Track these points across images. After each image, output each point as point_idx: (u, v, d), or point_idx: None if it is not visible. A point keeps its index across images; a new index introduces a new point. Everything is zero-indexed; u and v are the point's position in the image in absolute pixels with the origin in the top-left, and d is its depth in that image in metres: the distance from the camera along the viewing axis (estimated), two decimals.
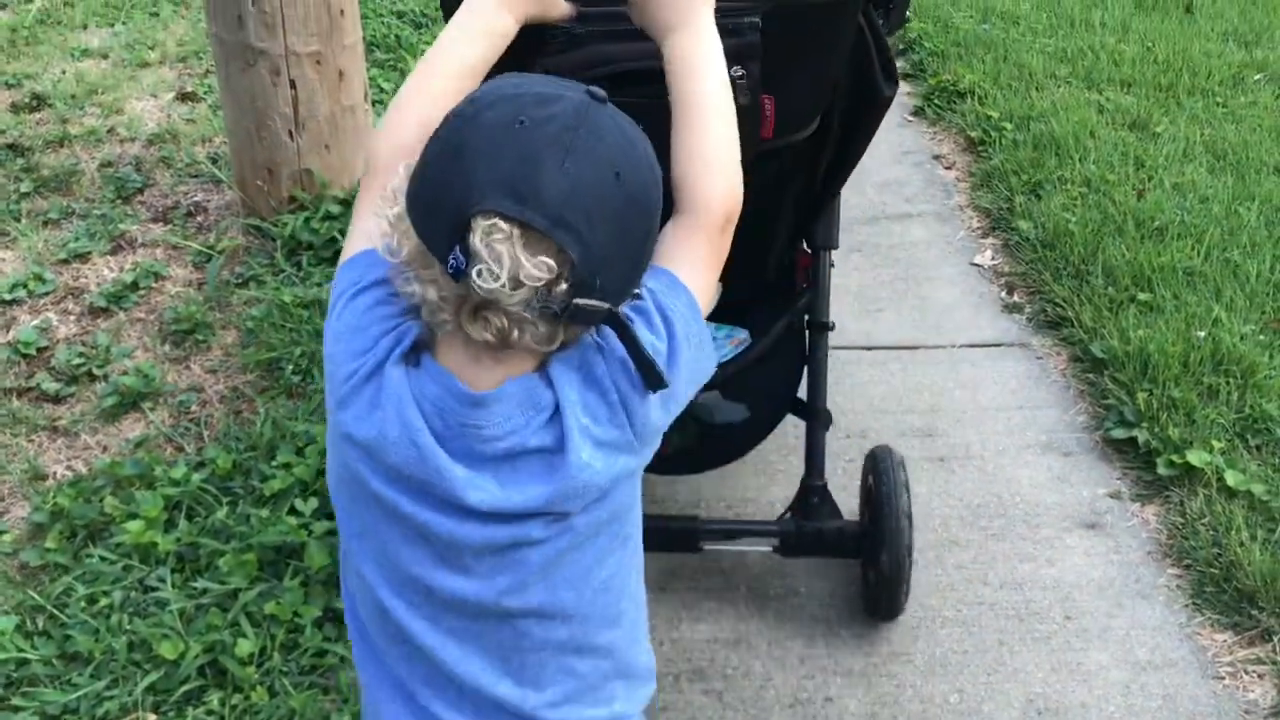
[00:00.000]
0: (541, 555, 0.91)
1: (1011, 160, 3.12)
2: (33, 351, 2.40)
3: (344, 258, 0.97)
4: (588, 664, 0.97)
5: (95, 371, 2.35)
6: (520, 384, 0.88)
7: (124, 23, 4.10)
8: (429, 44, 3.75)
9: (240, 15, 2.59)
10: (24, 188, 3.02)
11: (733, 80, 1.07)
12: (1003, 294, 2.71)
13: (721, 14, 1.09)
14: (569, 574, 0.93)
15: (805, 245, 1.91)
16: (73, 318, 2.55)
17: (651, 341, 0.90)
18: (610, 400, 0.90)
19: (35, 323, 2.50)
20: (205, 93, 3.56)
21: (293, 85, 2.67)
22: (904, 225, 2.99)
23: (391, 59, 3.78)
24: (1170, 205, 2.86)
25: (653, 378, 0.88)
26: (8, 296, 2.58)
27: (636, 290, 0.91)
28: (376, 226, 0.90)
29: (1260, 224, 2.78)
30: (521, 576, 0.91)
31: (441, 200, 0.83)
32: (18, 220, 2.89)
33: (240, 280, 2.65)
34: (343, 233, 2.64)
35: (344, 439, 0.91)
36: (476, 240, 0.80)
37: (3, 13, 4.20)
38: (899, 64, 3.87)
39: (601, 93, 0.87)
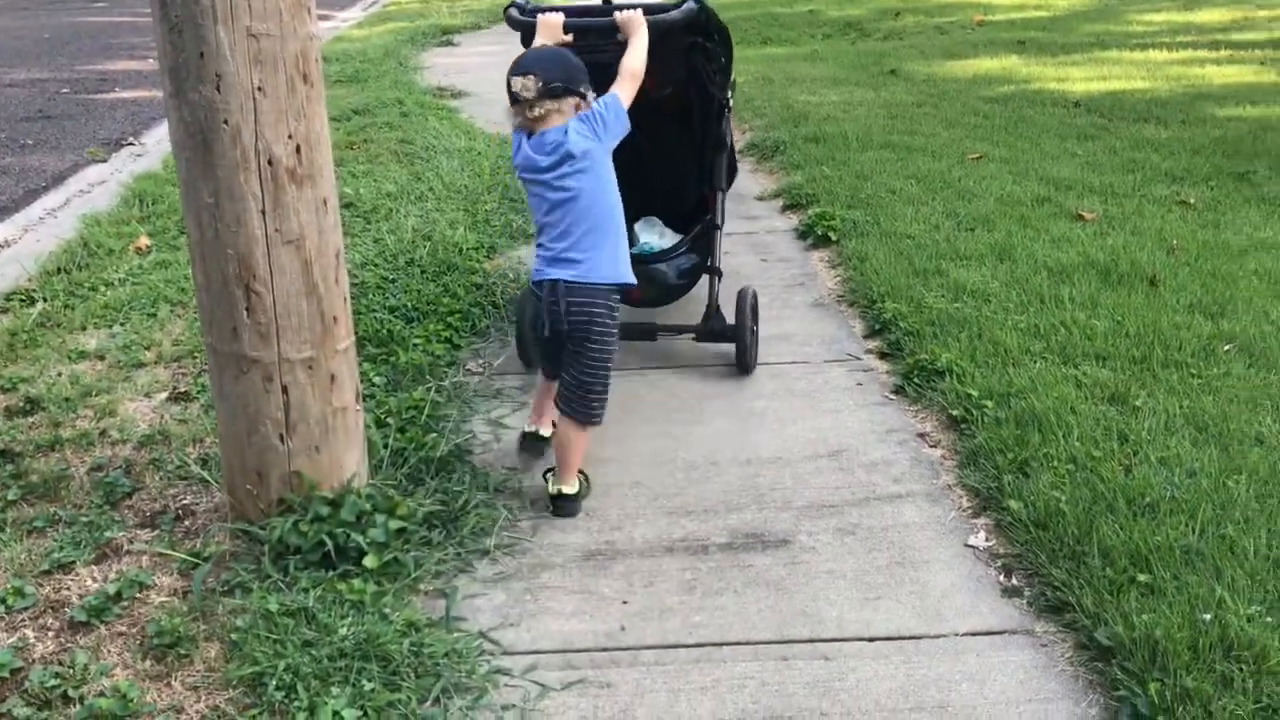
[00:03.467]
0: (577, 181, 2.85)
1: (995, 438, 3.15)
2: (5, 674, 2.32)
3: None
4: (598, 246, 2.89)
5: (70, 693, 2.26)
6: (555, 129, 2.85)
7: (122, 324, 4.21)
8: (421, 337, 3.85)
9: (235, 327, 2.66)
10: (11, 495, 3.02)
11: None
12: (1000, 577, 2.68)
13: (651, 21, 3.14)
14: (586, 198, 2.86)
15: (707, 188, 3.91)
16: (51, 634, 2.48)
17: (599, 109, 2.88)
18: (588, 122, 2.85)
19: (11, 641, 2.43)
20: (198, 392, 3.62)
21: (285, 391, 2.72)
22: (895, 506, 2.99)
23: (383, 353, 3.86)
24: (1159, 481, 2.87)
25: (591, 101, 2.93)
26: None
27: (587, 94, 2.91)
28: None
29: (1251, 497, 2.79)
30: (563, 196, 2.86)
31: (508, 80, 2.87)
32: (2, 530, 2.86)
33: (226, 588, 2.60)
34: (330, 535, 2.67)
35: (515, 155, 2.96)
36: (513, 85, 2.84)
37: (4, 316, 4.31)
38: (876, 341, 3.98)
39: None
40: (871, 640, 2.47)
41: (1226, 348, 3.66)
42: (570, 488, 2.98)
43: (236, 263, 2.61)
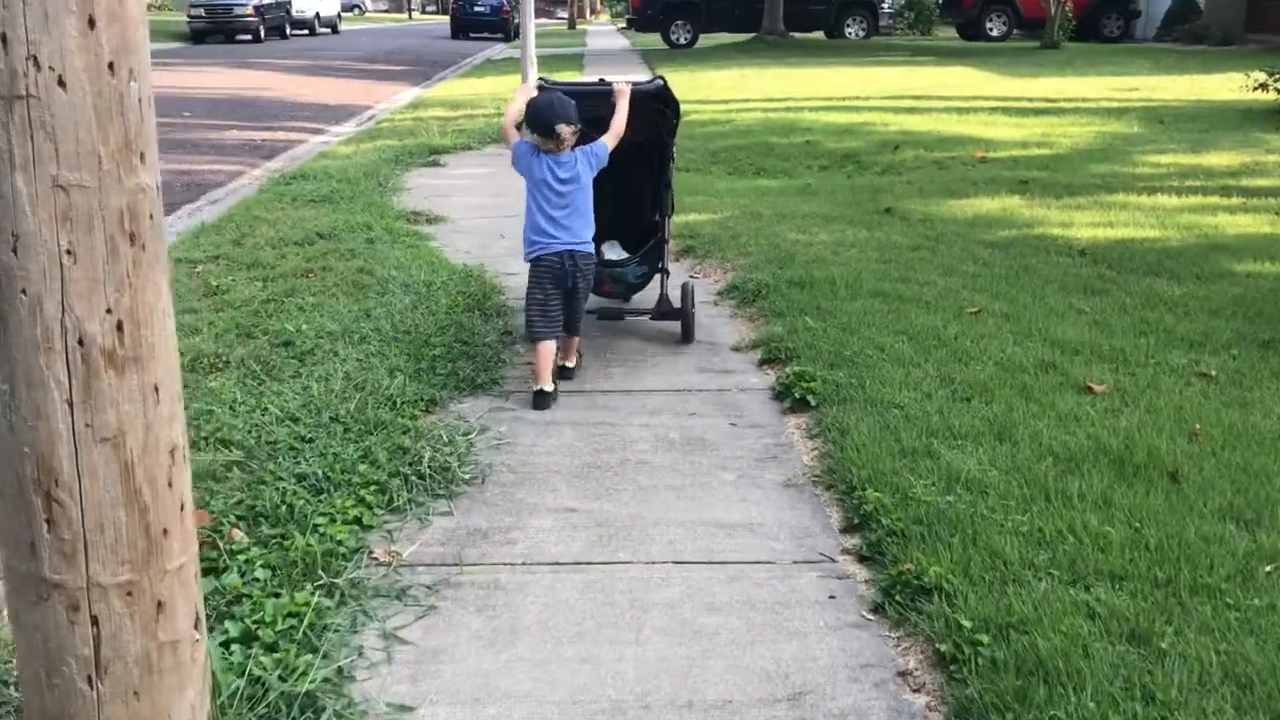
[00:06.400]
0: (577, 190, 4.63)
1: (992, 690, 2.56)
2: None
3: (512, 147, 4.77)
4: (588, 227, 4.70)
5: None
6: (567, 153, 4.62)
7: None
8: (326, 515, 3.25)
9: (33, 543, 2.12)
10: None
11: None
12: None
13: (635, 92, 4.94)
14: (581, 198, 4.65)
15: (659, 215, 5.36)
16: None
17: (596, 150, 4.68)
18: (587, 155, 4.65)
19: None
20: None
21: (95, 623, 2.16)
22: None
23: (277, 535, 3.30)
24: None
25: (590, 140, 4.73)
26: None
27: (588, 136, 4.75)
28: (518, 136, 4.76)
29: None
30: (570, 196, 4.61)
31: (541, 120, 4.54)
32: None
33: None
34: None
35: (532, 169, 4.63)
36: (558, 129, 4.53)
37: None
38: (855, 539, 3.44)
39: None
40: None
41: (1268, 569, 3.09)
42: (570, 362, 4.86)
43: (35, 464, 2.08)
